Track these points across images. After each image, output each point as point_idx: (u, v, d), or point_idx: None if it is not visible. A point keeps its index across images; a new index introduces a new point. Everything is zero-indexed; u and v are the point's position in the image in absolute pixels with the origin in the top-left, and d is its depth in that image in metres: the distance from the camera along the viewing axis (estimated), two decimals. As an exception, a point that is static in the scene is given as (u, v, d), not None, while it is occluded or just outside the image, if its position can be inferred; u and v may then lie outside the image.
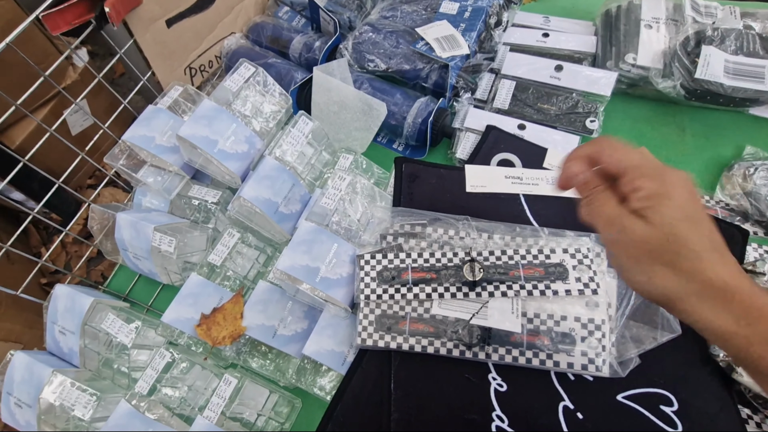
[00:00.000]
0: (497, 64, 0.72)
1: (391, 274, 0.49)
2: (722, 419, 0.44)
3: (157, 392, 0.51)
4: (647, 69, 0.66)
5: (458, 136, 0.67)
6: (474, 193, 0.58)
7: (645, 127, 0.68)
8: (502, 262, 0.48)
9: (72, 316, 0.54)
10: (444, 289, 0.48)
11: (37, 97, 1.14)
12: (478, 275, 0.46)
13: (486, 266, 0.47)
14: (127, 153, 0.63)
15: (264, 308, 0.53)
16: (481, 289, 0.47)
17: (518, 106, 0.68)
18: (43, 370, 0.51)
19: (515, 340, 0.45)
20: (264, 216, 0.55)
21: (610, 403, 0.45)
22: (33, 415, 0.50)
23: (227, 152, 0.58)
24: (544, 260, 0.47)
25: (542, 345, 0.45)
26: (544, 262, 0.47)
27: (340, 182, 0.54)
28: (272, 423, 0.51)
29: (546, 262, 0.47)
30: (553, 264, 0.47)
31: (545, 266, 0.47)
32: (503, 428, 0.44)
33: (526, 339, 0.45)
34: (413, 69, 0.69)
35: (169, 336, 0.54)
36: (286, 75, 0.71)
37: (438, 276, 0.48)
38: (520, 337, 0.45)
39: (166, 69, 0.70)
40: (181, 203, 0.64)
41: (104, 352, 0.55)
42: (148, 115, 0.63)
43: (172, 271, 0.59)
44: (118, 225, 0.58)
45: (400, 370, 0.48)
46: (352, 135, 0.68)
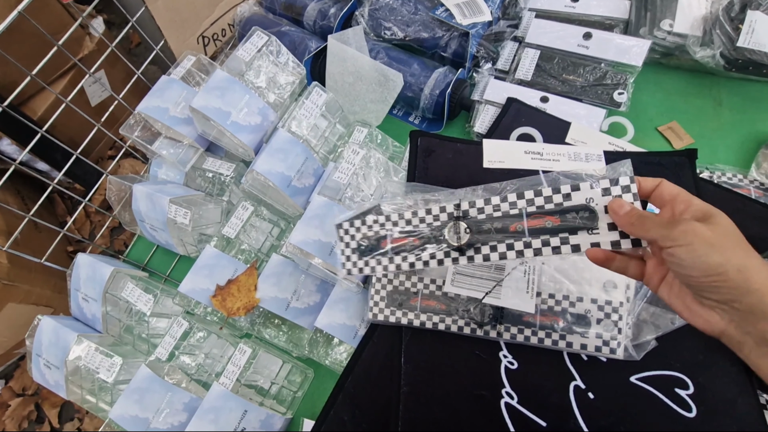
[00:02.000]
0: (521, 32, 0.68)
1: (370, 244, 0.43)
2: (740, 404, 0.43)
3: (175, 358, 0.53)
4: (684, 36, 0.61)
5: (477, 108, 0.64)
6: (491, 169, 0.57)
7: (677, 100, 0.64)
8: (501, 212, 0.37)
9: (94, 284, 0.56)
10: (429, 256, 0.40)
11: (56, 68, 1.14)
12: (464, 238, 0.37)
13: (479, 221, 0.38)
14: (142, 124, 0.63)
15: (277, 281, 0.53)
16: (474, 252, 0.38)
17: (542, 77, 0.65)
18: (69, 334, 0.53)
19: (528, 320, 0.45)
20: (277, 190, 0.54)
21: (623, 384, 0.44)
22: (61, 375, 0.53)
23: (240, 124, 0.57)
24: (561, 202, 0.35)
25: (556, 326, 0.44)
26: (561, 204, 0.35)
27: (353, 156, 0.53)
28: (285, 391, 0.53)
29: (564, 206, 0.35)
30: (574, 207, 0.34)
31: (562, 211, 0.35)
32: (512, 405, 0.44)
33: (540, 319, 0.44)
34: (432, 37, 0.66)
35: (186, 305, 0.56)
36: (300, 44, 0.69)
37: (421, 241, 0.40)
38: (533, 317, 0.44)
39: (178, 38, 0.69)
40: (195, 175, 0.64)
41: (125, 319, 0.57)
42: (161, 85, 0.62)
43: (188, 242, 0.60)
44: (134, 197, 0.58)
45: (410, 344, 0.48)
46: (368, 107, 0.66)
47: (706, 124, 0.62)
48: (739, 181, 0.57)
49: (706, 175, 0.57)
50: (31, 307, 1.04)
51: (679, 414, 0.43)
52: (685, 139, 0.61)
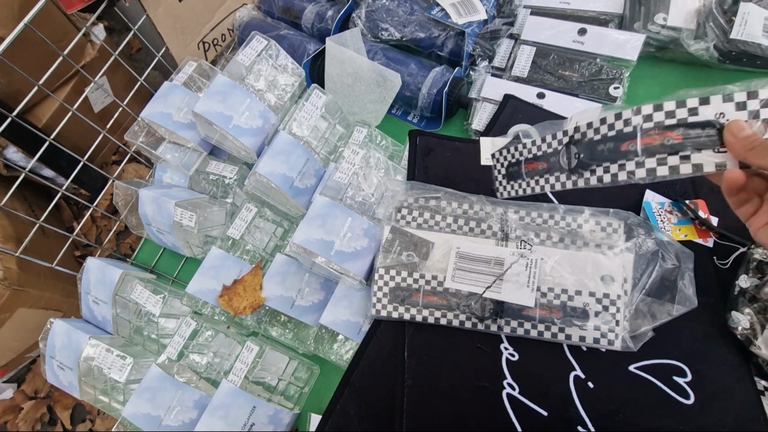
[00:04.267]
0: (517, 29, 0.69)
1: (515, 169, 0.44)
2: (737, 391, 0.44)
3: (184, 357, 0.54)
4: (678, 30, 0.62)
5: (474, 106, 0.65)
6: (489, 167, 0.57)
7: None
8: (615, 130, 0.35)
9: (103, 287, 0.58)
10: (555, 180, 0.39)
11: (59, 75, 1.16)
12: (574, 162, 0.37)
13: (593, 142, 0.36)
14: (146, 130, 0.65)
15: (282, 280, 0.54)
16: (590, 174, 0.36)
17: (538, 73, 0.65)
18: (81, 336, 0.55)
19: (528, 314, 0.46)
20: (279, 191, 0.55)
21: (622, 373, 0.45)
22: (74, 376, 0.54)
23: (242, 128, 0.58)
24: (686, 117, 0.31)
25: (555, 319, 0.45)
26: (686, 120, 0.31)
27: (353, 156, 0.54)
28: (292, 387, 0.54)
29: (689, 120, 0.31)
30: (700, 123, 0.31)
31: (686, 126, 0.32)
32: (514, 395, 0.45)
33: (539, 313, 0.45)
34: (428, 37, 0.67)
35: (194, 306, 0.57)
36: (298, 47, 0.70)
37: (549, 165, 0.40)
38: (533, 311, 0.45)
39: (179, 44, 0.70)
40: (199, 179, 0.65)
41: (135, 321, 0.58)
42: (164, 91, 0.63)
43: (194, 244, 0.61)
44: (140, 201, 0.60)
45: (413, 339, 0.49)
46: (367, 107, 0.67)
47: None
48: (735, 172, 0.58)
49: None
50: (42, 311, 1.06)
51: (678, 401, 0.44)
52: (681, 132, 0.62)
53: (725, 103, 0.30)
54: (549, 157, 0.40)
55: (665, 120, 0.31)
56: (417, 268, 0.49)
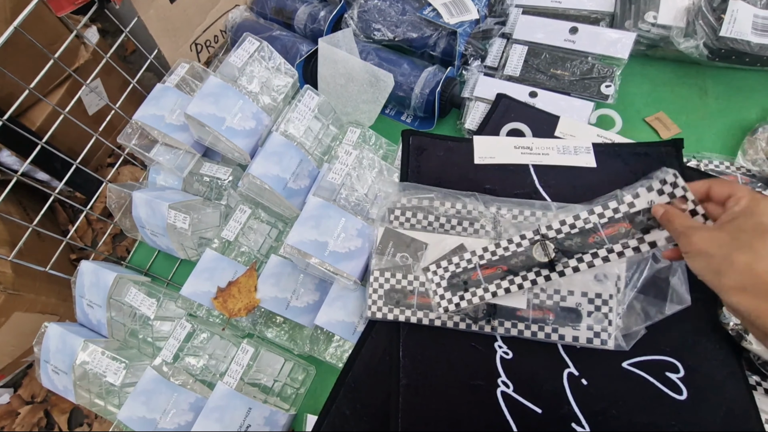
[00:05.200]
0: (509, 29, 0.69)
1: (462, 279, 0.46)
2: (729, 386, 0.45)
3: (180, 360, 0.54)
4: (668, 28, 0.62)
5: (467, 105, 0.65)
6: (483, 165, 0.58)
7: (664, 91, 0.65)
8: (577, 228, 0.42)
9: (98, 290, 0.58)
10: (522, 279, 0.44)
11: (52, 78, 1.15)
12: (552, 254, 0.42)
13: (559, 240, 0.43)
14: (139, 132, 0.65)
15: (277, 281, 0.55)
16: (563, 266, 0.42)
17: (530, 72, 0.66)
18: (75, 340, 0.55)
19: (521, 315, 0.46)
20: (273, 192, 0.55)
21: (615, 370, 0.46)
22: (69, 381, 0.54)
23: (235, 129, 0.58)
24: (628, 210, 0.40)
25: (548, 319, 0.45)
26: (629, 212, 0.40)
27: (346, 157, 0.55)
28: (288, 388, 0.54)
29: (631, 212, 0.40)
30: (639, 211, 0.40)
31: (630, 217, 0.40)
32: (508, 393, 0.46)
33: (532, 314, 0.46)
34: (420, 37, 0.67)
35: (189, 308, 0.57)
36: (291, 48, 0.70)
37: (509, 266, 0.44)
38: (526, 312, 0.46)
39: (171, 46, 0.70)
40: (193, 181, 0.65)
41: (129, 324, 0.58)
42: (156, 94, 0.63)
43: (188, 246, 0.61)
44: (134, 204, 0.60)
45: (408, 339, 0.49)
46: (360, 108, 0.67)
47: (693, 114, 0.63)
48: (726, 169, 0.58)
49: (693, 163, 0.59)
50: (37, 315, 1.06)
51: (671, 397, 0.44)
52: (672, 129, 0.62)
53: (650, 193, 0.39)
54: (507, 260, 0.45)
55: (614, 215, 0.41)
56: (411, 269, 0.49)
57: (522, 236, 0.44)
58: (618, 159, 0.56)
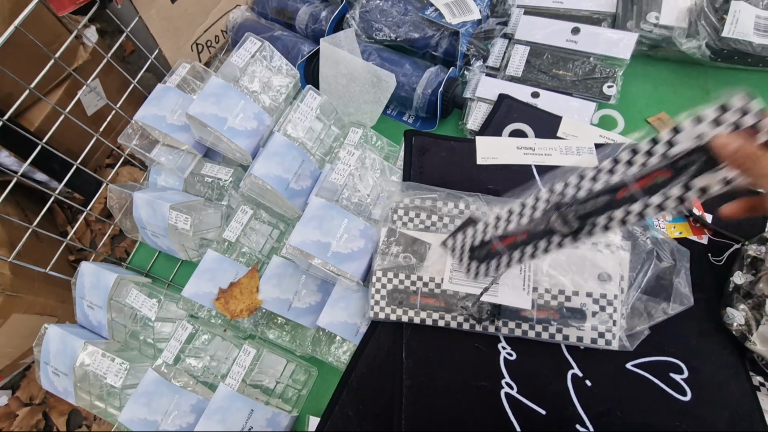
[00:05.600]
0: (511, 29, 0.69)
1: (484, 252, 0.42)
2: (733, 387, 0.45)
3: (181, 362, 0.54)
4: (671, 29, 0.62)
5: (469, 106, 0.65)
6: (485, 165, 0.58)
7: (666, 91, 0.65)
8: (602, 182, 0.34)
9: (98, 291, 0.57)
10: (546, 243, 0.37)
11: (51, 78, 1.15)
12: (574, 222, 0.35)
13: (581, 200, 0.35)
14: (140, 133, 0.64)
15: (278, 282, 0.54)
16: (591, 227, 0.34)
17: (532, 72, 0.66)
18: (76, 341, 0.54)
19: (525, 315, 0.46)
20: (275, 192, 0.55)
21: (620, 370, 0.45)
22: (70, 382, 0.54)
23: (237, 129, 0.58)
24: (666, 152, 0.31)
25: (552, 319, 0.45)
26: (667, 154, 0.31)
27: (349, 157, 0.54)
28: (290, 390, 0.54)
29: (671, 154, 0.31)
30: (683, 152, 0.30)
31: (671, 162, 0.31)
32: (512, 394, 0.46)
33: (537, 314, 0.45)
34: (422, 37, 0.67)
35: (190, 309, 0.56)
36: (293, 48, 0.70)
37: (529, 234, 0.39)
38: (531, 312, 0.45)
39: (172, 46, 0.69)
40: (194, 181, 0.65)
41: (130, 325, 0.58)
42: (157, 94, 0.63)
43: (190, 247, 0.61)
44: (135, 204, 0.59)
45: (411, 339, 0.49)
46: (362, 108, 0.67)
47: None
48: (729, 169, 0.58)
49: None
50: (36, 316, 1.05)
51: (675, 398, 0.44)
52: (674, 130, 0.62)
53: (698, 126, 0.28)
54: (526, 227, 0.38)
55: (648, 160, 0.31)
56: (414, 269, 0.49)
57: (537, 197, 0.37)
58: (621, 159, 0.56)
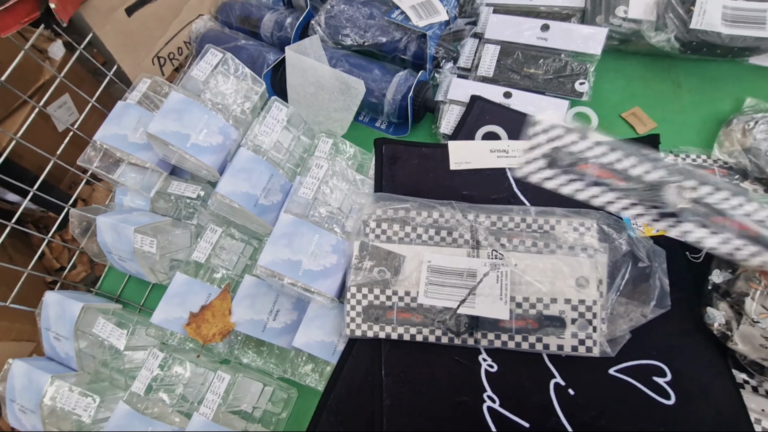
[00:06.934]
0: (480, 28, 0.68)
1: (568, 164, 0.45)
2: (717, 387, 0.44)
3: (153, 392, 0.51)
4: (639, 22, 0.61)
5: (442, 109, 0.64)
6: (459, 171, 0.56)
7: (638, 86, 0.65)
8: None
9: (63, 322, 0.55)
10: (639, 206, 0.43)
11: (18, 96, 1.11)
12: None
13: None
14: (103, 152, 0.62)
15: (252, 303, 0.52)
16: None
17: (504, 72, 0.64)
18: (42, 376, 0.52)
19: (504, 326, 0.44)
20: (244, 210, 0.53)
21: (602, 377, 0.45)
22: (38, 419, 0.51)
23: (201, 146, 0.56)
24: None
25: (531, 329, 0.44)
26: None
27: (317, 171, 0.53)
28: (269, 414, 0.52)
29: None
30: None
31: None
32: (495, 408, 0.44)
33: (515, 324, 0.44)
34: (390, 41, 0.65)
35: (161, 336, 0.54)
36: (258, 57, 0.68)
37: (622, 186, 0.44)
38: (509, 323, 0.44)
39: (132, 61, 0.67)
40: (161, 200, 0.62)
41: (100, 355, 0.55)
42: (117, 112, 0.61)
43: (159, 270, 0.59)
44: (98, 229, 0.57)
45: (390, 356, 0.48)
46: (332, 116, 0.65)
47: (668, 107, 0.63)
48: (704, 162, 0.58)
49: (671, 158, 0.58)
50: (12, 343, 1.01)
51: (659, 402, 0.43)
52: (648, 124, 0.62)
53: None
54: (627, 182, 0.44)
55: None
56: (389, 284, 0.47)
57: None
58: (595, 158, 0.55)
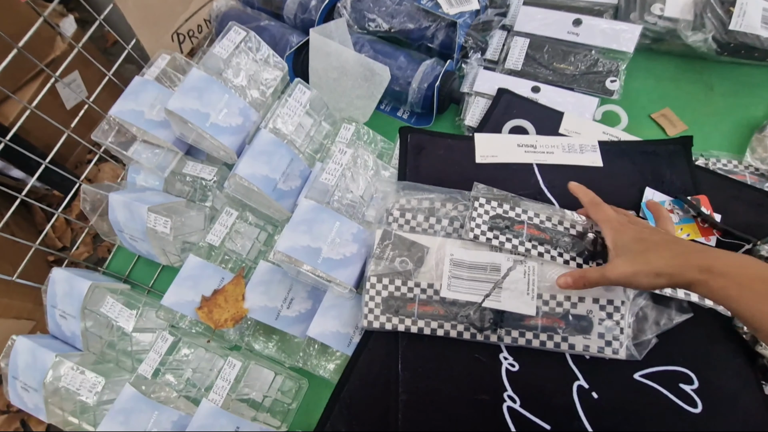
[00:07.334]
0: (510, 20, 0.66)
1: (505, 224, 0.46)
2: (744, 397, 0.43)
3: (161, 375, 0.50)
4: (675, 21, 0.60)
5: (467, 101, 0.62)
6: (484, 164, 0.55)
7: (669, 87, 0.63)
8: None
9: (71, 300, 0.53)
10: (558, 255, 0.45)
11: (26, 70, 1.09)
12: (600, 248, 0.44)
13: None
14: (117, 128, 0.60)
15: (266, 289, 0.51)
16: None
17: (532, 66, 0.63)
18: (46, 355, 0.50)
19: (529, 323, 0.43)
20: (261, 194, 0.52)
21: (627, 382, 0.43)
22: (40, 398, 0.50)
23: (220, 126, 0.54)
24: None
25: (558, 327, 0.42)
26: None
27: (340, 156, 0.51)
28: (279, 403, 0.51)
29: None
30: None
31: None
32: (515, 408, 0.43)
33: (541, 322, 0.43)
34: (418, 28, 0.63)
35: (171, 319, 0.53)
36: (280, 39, 0.66)
37: (551, 239, 0.45)
38: (535, 320, 0.43)
39: (151, 36, 0.65)
40: (175, 181, 0.61)
41: (106, 335, 0.54)
42: (135, 87, 0.59)
43: (171, 252, 0.57)
44: (111, 206, 0.55)
45: (407, 350, 0.46)
46: (354, 103, 0.63)
47: (699, 110, 0.61)
48: (734, 167, 0.56)
49: (701, 162, 0.56)
50: (12, 321, 1.00)
51: (685, 410, 0.42)
52: (678, 126, 0.60)
53: None
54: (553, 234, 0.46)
55: None
56: (411, 275, 0.46)
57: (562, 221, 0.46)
58: (625, 158, 0.54)
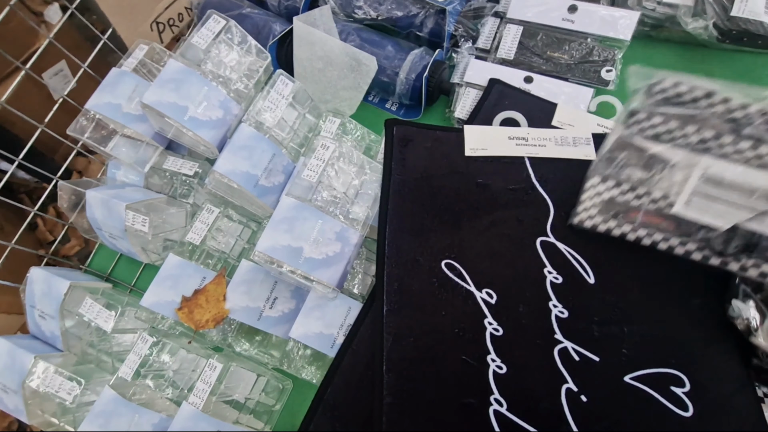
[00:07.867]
0: (502, 7, 0.63)
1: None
2: (737, 400, 0.41)
3: (141, 377, 0.49)
4: (675, 7, 0.57)
5: (457, 92, 0.60)
6: (474, 158, 0.53)
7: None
8: None
9: (50, 300, 0.52)
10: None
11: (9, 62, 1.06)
12: None
13: None
14: (95, 122, 0.58)
15: (248, 289, 0.50)
16: None
17: (525, 55, 0.60)
18: (25, 356, 0.49)
19: None
20: (243, 191, 0.50)
21: (617, 384, 0.42)
22: (20, 400, 0.49)
23: (199, 119, 0.52)
24: None
25: None
26: None
27: (323, 152, 0.49)
28: (262, 405, 0.50)
29: None
30: None
31: None
32: (501, 412, 0.42)
33: None
34: (406, 16, 0.61)
35: (152, 320, 0.52)
36: (263, 27, 0.63)
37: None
38: None
39: (128, 25, 0.63)
40: (156, 177, 0.59)
41: (87, 336, 0.53)
42: (111, 79, 0.57)
43: (151, 250, 0.56)
44: (88, 204, 0.54)
45: (392, 351, 0.45)
46: (340, 95, 0.61)
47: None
48: (734, 161, 0.54)
49: (700, 155, 0.54)
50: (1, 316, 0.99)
51: (676, 414, 0.41)
52: (676, 118, 0.58)
53: None
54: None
55: None
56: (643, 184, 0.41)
57: None
58: (620, 151, 0.52)
